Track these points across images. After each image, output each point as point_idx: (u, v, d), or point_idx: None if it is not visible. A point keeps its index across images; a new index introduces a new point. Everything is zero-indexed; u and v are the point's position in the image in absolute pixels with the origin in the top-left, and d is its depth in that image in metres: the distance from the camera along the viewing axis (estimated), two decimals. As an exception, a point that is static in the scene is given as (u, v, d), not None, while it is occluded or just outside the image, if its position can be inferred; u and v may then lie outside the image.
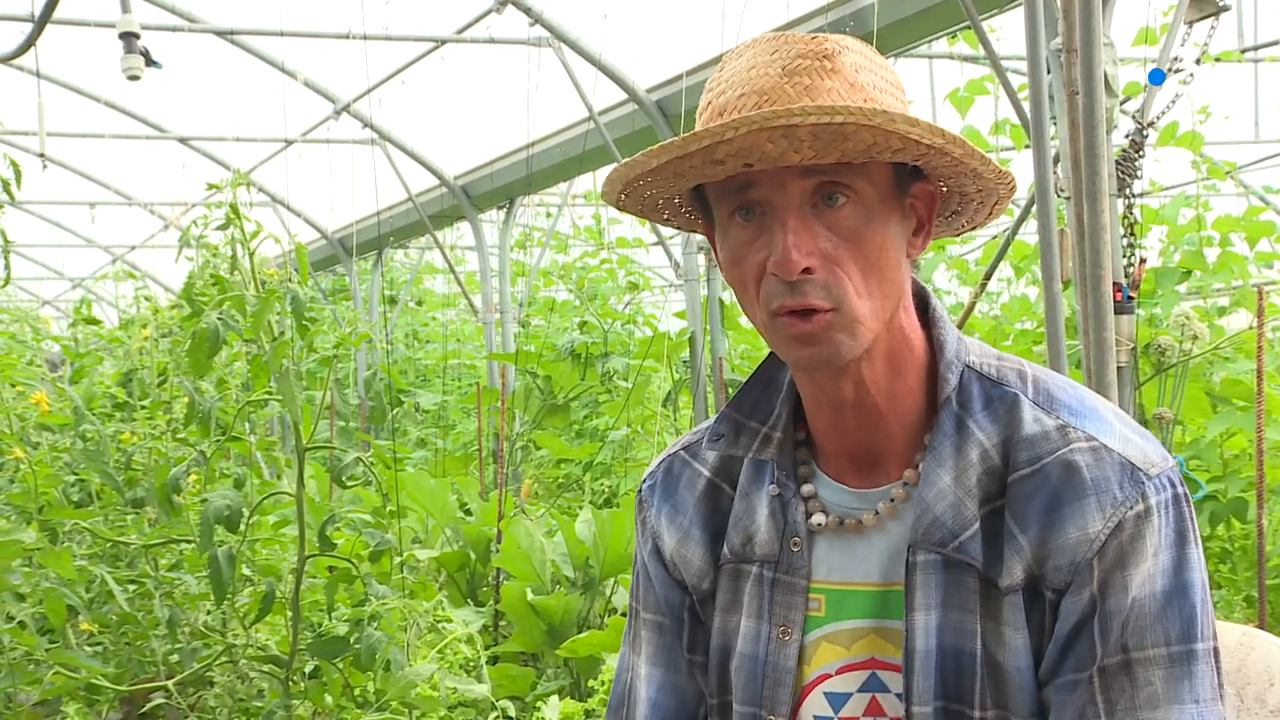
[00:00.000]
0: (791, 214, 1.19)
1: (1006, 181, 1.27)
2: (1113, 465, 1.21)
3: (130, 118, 9.95)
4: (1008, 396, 1.28)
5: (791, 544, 1.33)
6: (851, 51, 1.23)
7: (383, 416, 10.16)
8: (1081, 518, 1.20)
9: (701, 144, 1.16)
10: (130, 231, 14.08)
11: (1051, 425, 1.24)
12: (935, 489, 1.26)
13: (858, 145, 1.16)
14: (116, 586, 3.51)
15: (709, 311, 7.02)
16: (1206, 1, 3.90)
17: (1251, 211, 6.36)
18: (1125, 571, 1.19)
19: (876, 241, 1.21)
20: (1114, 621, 1.19)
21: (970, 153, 1.20)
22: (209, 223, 3.19)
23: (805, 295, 1.19)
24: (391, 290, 12.82)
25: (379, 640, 3.22)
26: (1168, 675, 1.18)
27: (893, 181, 1.23)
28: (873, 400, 1.29)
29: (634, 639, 1.48)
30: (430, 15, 7.84)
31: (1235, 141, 8.40)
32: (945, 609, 1.24)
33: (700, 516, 1.41)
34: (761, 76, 1.21)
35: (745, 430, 1.38)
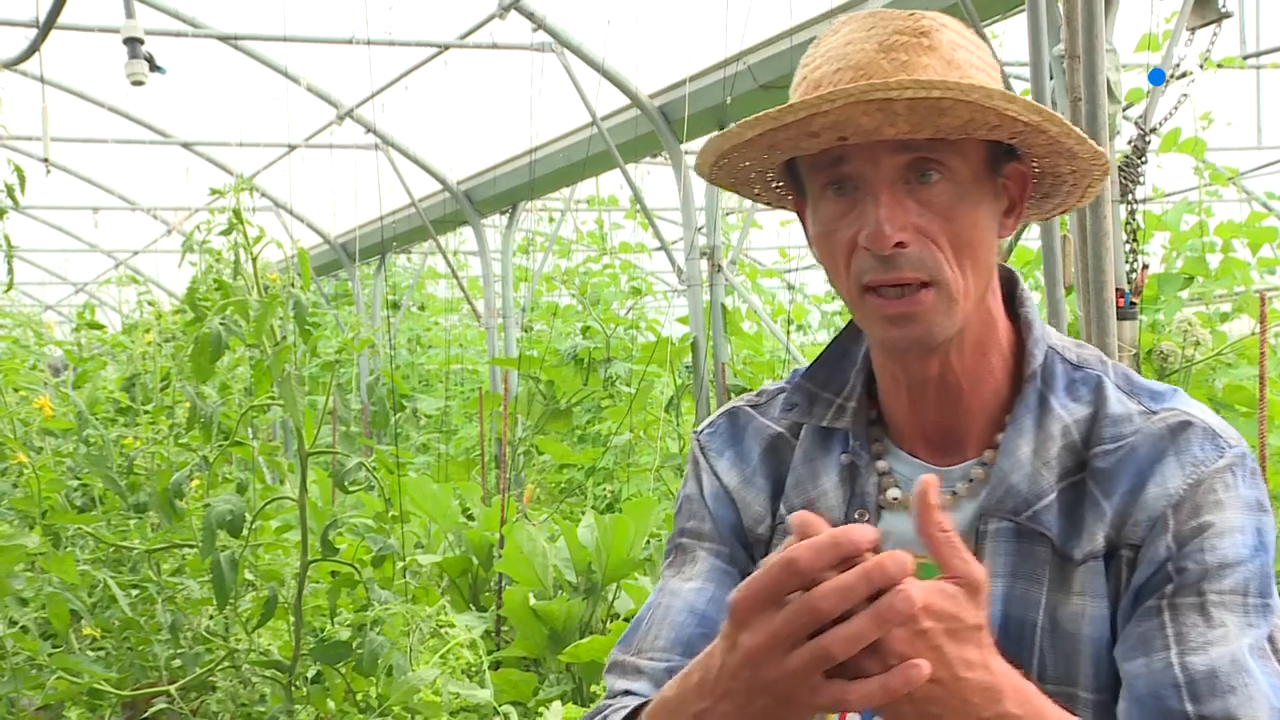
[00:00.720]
0: (885, 188, 1.19)
1: (1101, 163, 1.26)
2: (1194, 430, 1.22)
3: (134, 123, 9.97)
4: (1090, 378, 1.29)
5: (858, 514, 1.32)
6: (949, 29, 1.23)
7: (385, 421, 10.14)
8: (1162, 475, 1.21)
9: (797, 116, 1.16)
10: (133, 236, 14.09)
11: (1135, 408, 1.26)
12: (1013, 459, 1.25)
13: (954, 121, 1.16)
14: (119, 591, 3.52)
15: (712, 317, 7.02)
16: (1209, 8, 3.90)
17: (1254, 218, 6.35)
18: (1202, 519, 1.19)
19: (969, 219, 1.21)
20: (1190, 563, 1.18)
21: (1067, 131, 1.20)
22: (212, 228, 3.20)
23: (898, 269, 1.19)
24: (394, 295, 12.83)
25: (381, 645, 3.22)
26: (1242, 621, 1.17)
27: (986, 160, 1.23)
28: (955, 379, 1.28)
29: (669, 569, 1.41)
30: (433, 20, 7.85)
31: (1238, 148, 8.40)
32: (1013, 578, 1.23)
33: (765, 467, 1.39)
34: (858, 52, 1.20)
35: (819, 400, 1.37)
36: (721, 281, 7.01)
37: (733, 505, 1.40)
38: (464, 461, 9.39)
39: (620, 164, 7.28)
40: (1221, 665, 1.14)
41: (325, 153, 9.70)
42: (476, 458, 8.69)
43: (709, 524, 1.41)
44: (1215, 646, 1.16)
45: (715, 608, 1.34)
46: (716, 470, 1.42)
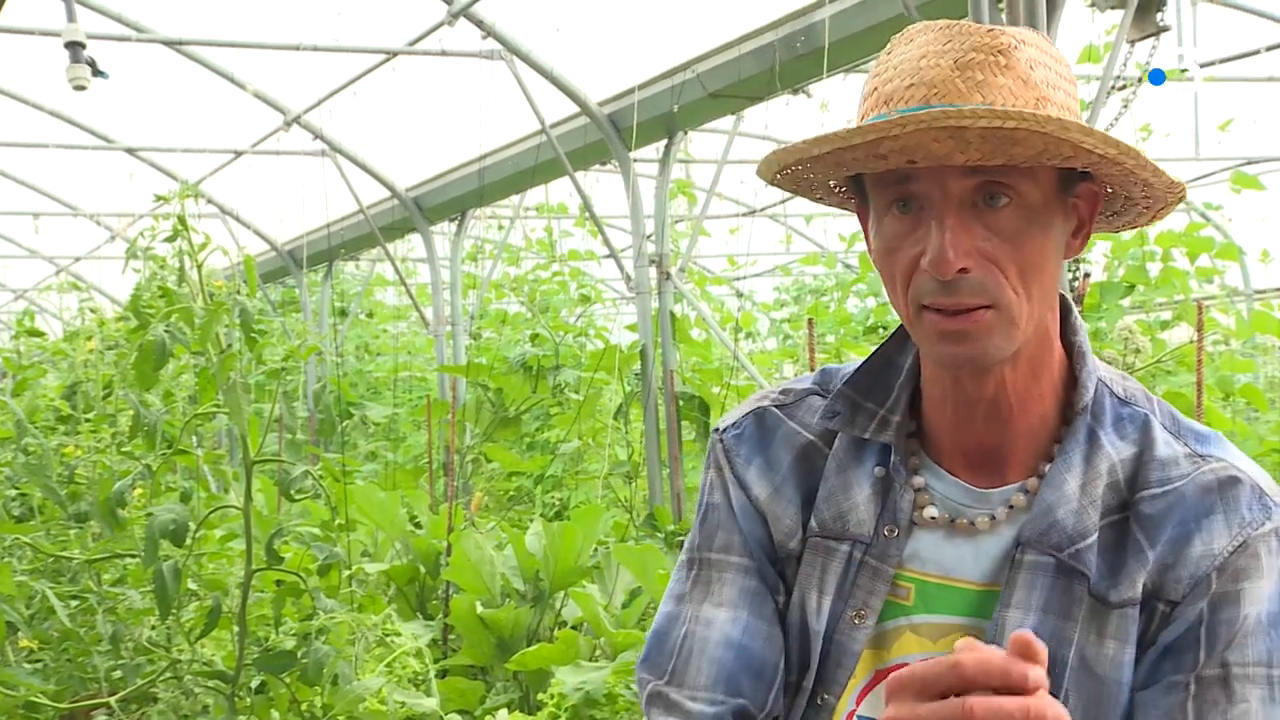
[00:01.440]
0: (951, 212, 1.16)
1: (1177, 191, 1.23)
2: (1243, 488, 1.22)
3: (76, 127, 9.85)
4: (1138, 416, 1.28)
5: (887, 530, 1.30)
6: (1027, 46, 1.20)
7: (332, 429, 10.10)
8: (1209, 533, 1.20)
9: (866, 138, 1.13)
10: (75, 242, 13.92)
11: (1181, 451, 1.25)
12: (1060, 493, 1.24)
13: (1027, 151, 1.13)
14: (58, 602, 3.47)
15: (660, 324, 7.03)
16: (1148, 22, 3.97)
17: (1192, 228, 6.47)
18: (1239, 586, 1.19)
19: (1036, 244, 1.18)
20: (1221, 632, 1.18)
21: (1143, 164, 1.17)
22: (156, 234, 3.17)
23: (959, 294, 1.16)
24: (342, 302, 12.75)
25: (326, 654, 3.20)
26: (1265, 695, 1.17)
27: (1058, 183, 1.20)
28: (1007, 400, 1.26)
29: (697, 589, 1.37)
30: (382, 27, 7.83)
31: (1176, 159, 8.52)
32: (1046, 613, 1.22)
33: (795, 476, 1.36)
34: (932, 67, 1.17)
35: (862, 411, 1.34)
36: (670, 289, 7.02)
37: (762, 521, 1.37)
38: (412, 469, 9.35)
39: (569, 171, 7.29)
40: None
41: (272, 159, 9.64)
42: (424, 465, 8.65)
43: (738, 538, 1.37)
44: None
45: (750, 637, 1.32)
46: (745, 480, 1.38)
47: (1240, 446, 4.65)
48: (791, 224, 12.62)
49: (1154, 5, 3.94)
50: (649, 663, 1.36)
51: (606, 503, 6.93)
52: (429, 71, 8.04)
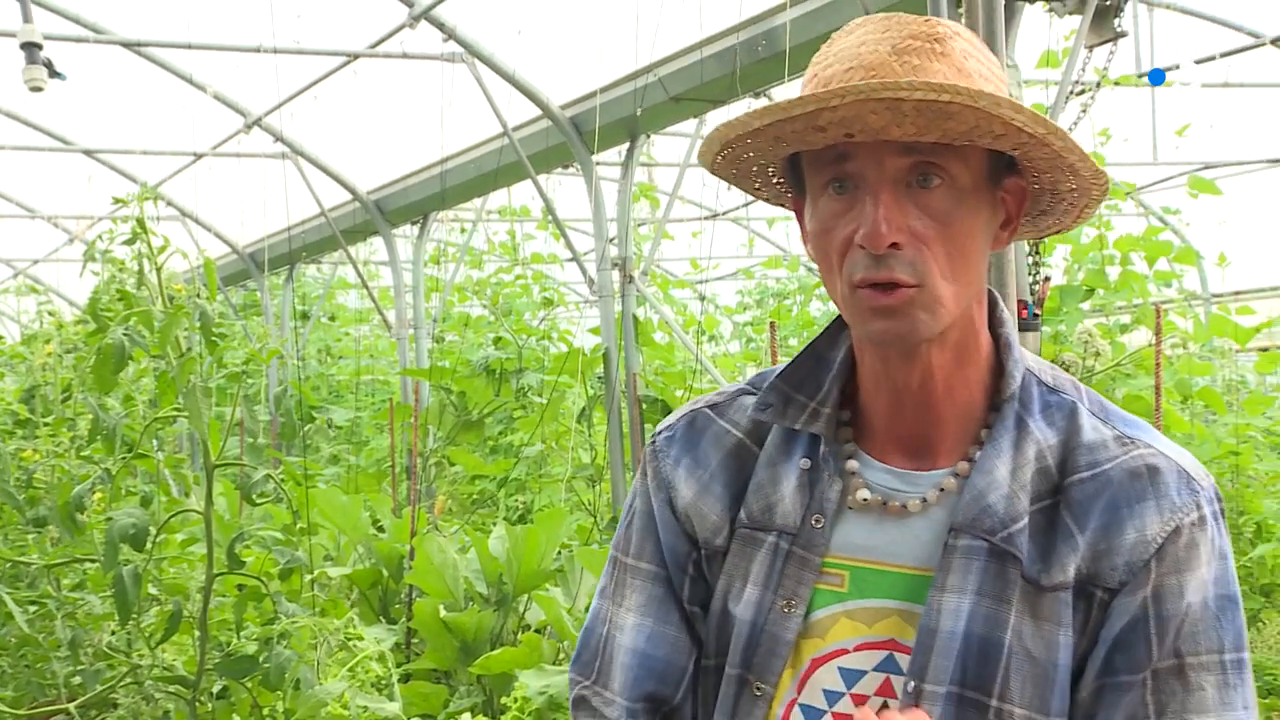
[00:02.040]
0: (885, 189, 1.20)
1: (1101, 182, 1.27)
2: (1171, 473, 1.24)
3: (33, 129, 9.75)
4: (1065, 403, 1.31)
5: (814, 520, 1.32)
6: (961, 38, 1.25)
7: (294, 433, 10.02)
8: (1141, 519, 1.22)
9: (806, 109, 1.16)
10: (33, 245, 13.78)
11: (1109, 434, 1.28)
12: (990, 478, 1.26)
13: (960, 126, 1.17)
14: (16, 608, 3.44)
15: (623, 328, 7.04)
16: (1106, 27, 4.01)
17: (1150, 231, 6.53)
18: (1180, 576, 1.21)
19: (965, 226, 1.22)
20: (1169, 625, 1.21)
21: (1070, 147, 1.21)
22: (115, 237, 3.15)
23: (890, 269, 1.20)
24: (304, 305, 12.69)
25: (288, 659, 3.19)
26: (1220, 681, 1.20)
27: (987, 171, 1.24)
28: (934, 386, 1.29)
29: (616, 590, 1.43)
30: (343, 29, 7.79)
31: (1135, 163, 8.62)
32: (980, 596, 1.24)
33: (725, 473, 1.39)
34: (871, 53, 1.21)
35: (793, 403, 1.37)
36: (633, 292, 7.03)
37: (680, 529, 1.40)
38: (374, 473, 9.31)
39: (532, 175, 7.28)
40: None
41: (233, 161, 9.58)
42: (387, 469, 8.62)
43: (651, 546, 1.41)
44: (1193, 716, 1.20)
45: (654, 644, 1.37)
46: (672, 481, 1.41)
47: (1198, 449, 4.68)
48: (754, 227, 12.66)
49: (1112, 11, 3.98)
50: (579, 663, 1.43)
51: (570, 506, 6.93)
52: (390, 74, 8.02)
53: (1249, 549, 5.63)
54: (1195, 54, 7.30)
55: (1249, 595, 5.49)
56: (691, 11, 5.17)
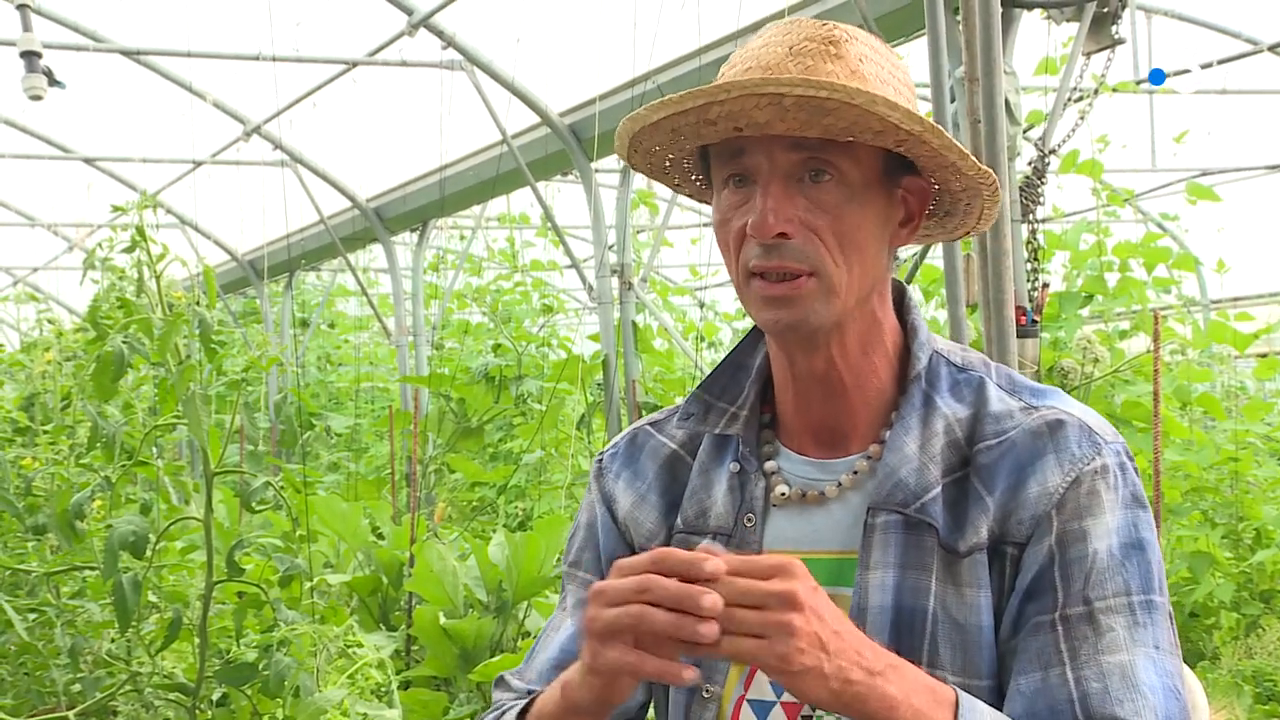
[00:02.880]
0: (775, 182, 1.26)
1: (988, 181, 1.32)
2: (1072, 428, 1.28)
3: (33, 137, 9.76)
4: (973, 379, 1.35)
5: (745, 519, 1.37)
6: (859, 42, 1.30)
7: (294, 440, 10.02)
8: (1043, 474, 1.26)
9: (696, 102, 1.23)
10: (33, 253, 13.79)
11: (1015, 404, 1.32)
12: (900, 455, 1.30)
13: (839, 122, 1.22)
14: (15, 615, 3.44)
15: (623, 334, 7.04)
16: (1104, 34, 4.02)
17: (1149, 238, 6.53)
18: (1083, 522, 1.24)
19: (855, 219, 1.27)
20: (1075, 570, 1.23)
21: (948, 145, 1.26)
22: (114, 245, 3.15)
23: (780, 257, 1.26)
24: (303, 313, 12.70)
25: (288, 666, 3.19)
26: (1129, 622, 1.22)
27: (881, 169, 1.29)
28: (840, 376, 1.33)
29: (562, 597, 1.50)
30: (342, 37, 7.80)
31: (1133, 170, 8.63)
32: (903, 568, 1.28)
33: (660, 483, 1.45)
34: (770, 54, 1.28)
35: (714, 409, 1.42)
36: (632, 299, 7.03)
37: (621, 538, 1.46)
38: (374, 480, 9.31)
39: (531, 182, 7.29)
40: (1113, 679, 1.19)
41: (232, 169, 9.59)
42: (387, 476, 8.62)
43: (588, 555, 1.48)
44: (1106, 656, 1.20)
45: (577, 641, 1.39)
46: (612, 495, 1.48)
47: (1197, 455, 4.65)
48: (753, 234, 12.66)
49: (1109, 18, 3.99)
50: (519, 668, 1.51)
51: (569, 513, 6.92)
52: (389, 82, 8.04)
53: (1248, 555, 5.63)
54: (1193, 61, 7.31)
55: (1248, 601, 5.49)
56: (690, 19, 5.17)
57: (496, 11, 7.15)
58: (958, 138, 3.67)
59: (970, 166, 1.29)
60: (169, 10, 7.73)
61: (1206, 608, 5.46)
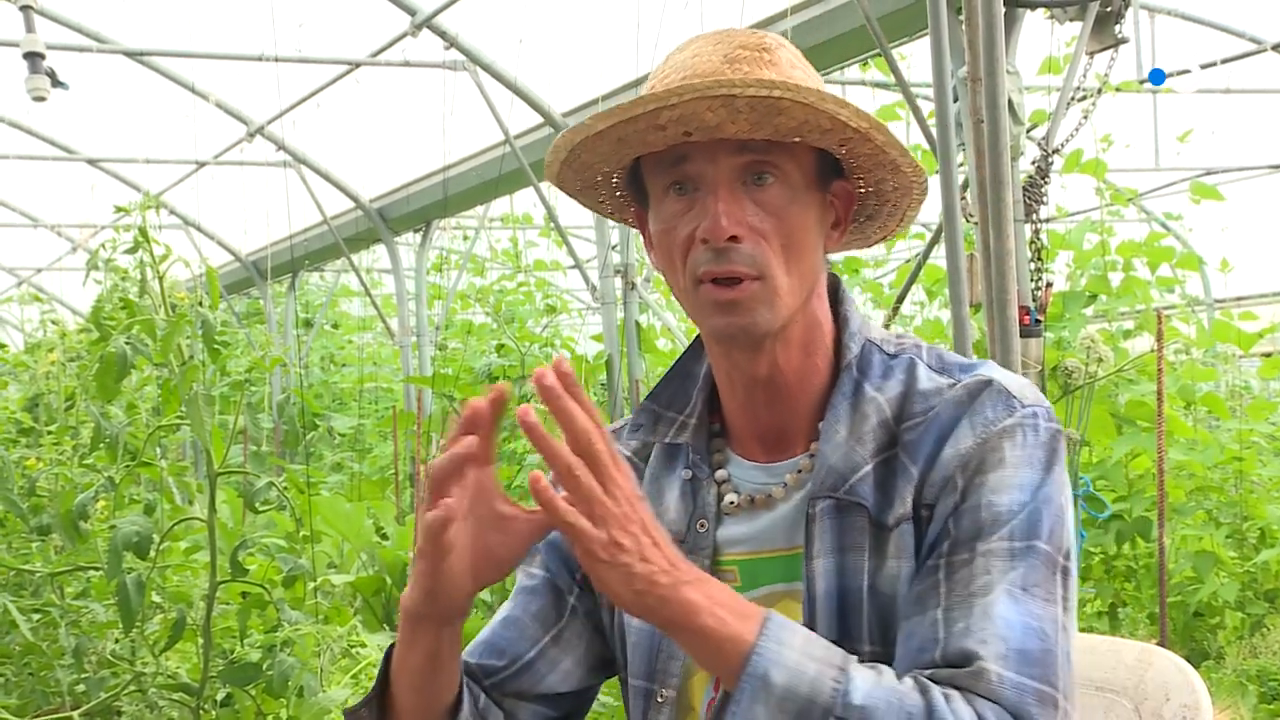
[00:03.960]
0: (723, 185, 1.27)
1: (921, 180, 1.35)
2: (990, 393, 1.29)
3: (36, 138, 9.77)
4: (903, 362, 1.36)
5: (699, 525, 1.38)
6: (787, 49, 1.34)
7: (297, 441, 10.04)
8: (957, 438, 1.27)
9: (646, 108, 1.23)
10: (36, 254, 13.81)
11: (944, 380, 1.32)
12: (832, 443, 1.32)
13: (790, 122, 1.24)
14: (20, 616, 3.44)
15: (626, 334, 7.04)
16: (1107, 33, 4.02)
17: (1153, 237, 6.53)
18: (984, 476, 1.25)
19: (798, 221, 1.29)
20: (966, 520, 1.24)
21: (891, 142, 1.29)
22: (118, 245, 3.15)
23: (731, 262, 1.27)
24: (307, 313, 12.70)
25: (292, 666, 3.19)
26: (1004, 566, 1.21)
27: (816, 171, 1.32)
28: (784, 379, 1.35)
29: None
30: (345, 38, 7.81)
31: (1137, 169, 8.62)
32: (841, 552, 1.29)
33: None
34: (704, 63, 1.29)
35: (663, 419, 1.44)
36: (636, 299, 7.04)
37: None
38: (378, 480, 9.31)
39: (534, 182, 7.29)
40: (974, 616, 1.19)
41: (235, 170, 9.60)
42: (390, 476, 8.62)
43: (540, 555, 1.49)
44: (977, 598, 1.21)
45: (505, 626, 1.46)
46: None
47: (1201, 454, 4.61)
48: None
49: (1112, 17, 3.99)
50: None
51: (573, 513, 6.92)
52: (392, 82, 8.04)
53: (1253, 554, 5.62)
54: (1197, 60, 7.30)
55: (1253, 601, 5.48)
56: (692, 19, 5.17)
57: (499, 12, 7.15)
58: (961, 137, 3.67)
59: (909, 164, 1.32)
60: (172, 11, 7.75)
61: (1211, 607, 5.46)
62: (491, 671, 1.43)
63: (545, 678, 1.44)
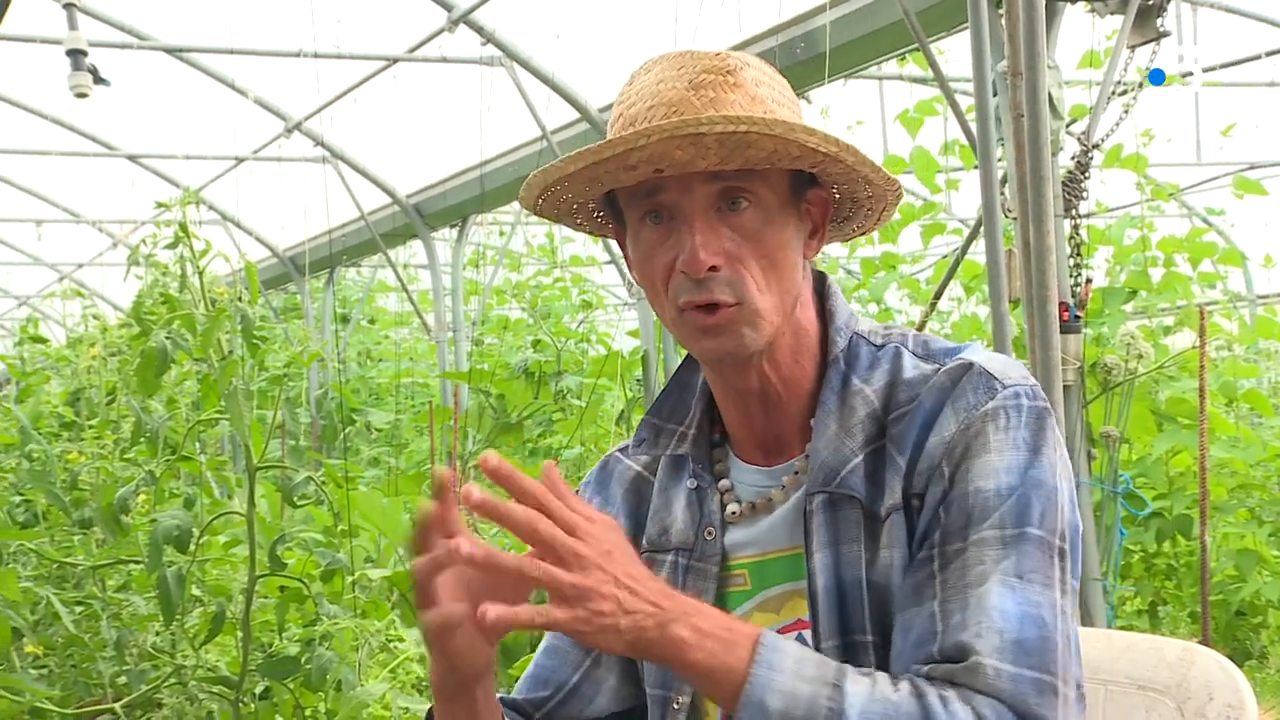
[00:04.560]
0: (699, 216, 1.28)
1: (894, 188, 1.36)
2: (970, 377, 1.29)
3: (78, 135, 9.86)
4: (890, 351, 1.37)
5: (706, 533, 1.41)
6: (752, 68, 1.33)
7: (335, 435, 10.09)
8: (940, 425, 1.28)
9: (615, 151, 1.24)
10: (78, 249, 13.93)
11: (929, 368, 1.33)
12: (823, 438, 1.34)
13: (759, 153, 1.25)
14: (63, 608, 3.47)
15: (662, 330, 7.03)
16: (1148, 27, 3.97)
17: (1194, 233, 6.45)
18: (969, 463, 1.26)
19: (775, 241, 1.30)
20: (955, 509, 1.24)
21: (861, 160, 1.30)
22: (158, 241, 3.18)
23: (710, 291, 1.28)
24: (344, 308, 12.76)
25: (330, 660, 3.20)
26: (997, 555, 1.22)
27: (790, 188, 1.33)
28: (774, 388, 1.37)
29: None
30: (382, 34, 7.83)
31: (1178, 164, 8.53)
32: (838, 545, 1.31)
33: (627, 506, 1.49)
34: (670, 90, 1.29)
35: (664, 432, 1.46)
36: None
37: None
38: (414, 475, 9.33)
39: (571, 178, 7.28)
40: (969, 609, 1.20)
41: (273, 165, 9.65)
42: (427, 471, 8.65)
43: None
44: (972, 589, 1.21)
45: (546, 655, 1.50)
46: None
47: (1244, 452, 4.55)
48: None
49: (1154, 10, 3.94)
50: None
51: (609, 508, 6.92)
52: (430, 78, 8.06)
53: (1296, 553, 5.56)
54: (1240, 53, 7.22)
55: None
56: (730, 14, 5.16)
57: (536, 7, 7.16)
58: (1000, 132, 3.65)
59: (881, 178, 1.33)
60: (212, 8, 7.79)
61: (1254, 606, 5.40)
62: (540, 703, 1.47)
63: (593, 700, 1.47)
